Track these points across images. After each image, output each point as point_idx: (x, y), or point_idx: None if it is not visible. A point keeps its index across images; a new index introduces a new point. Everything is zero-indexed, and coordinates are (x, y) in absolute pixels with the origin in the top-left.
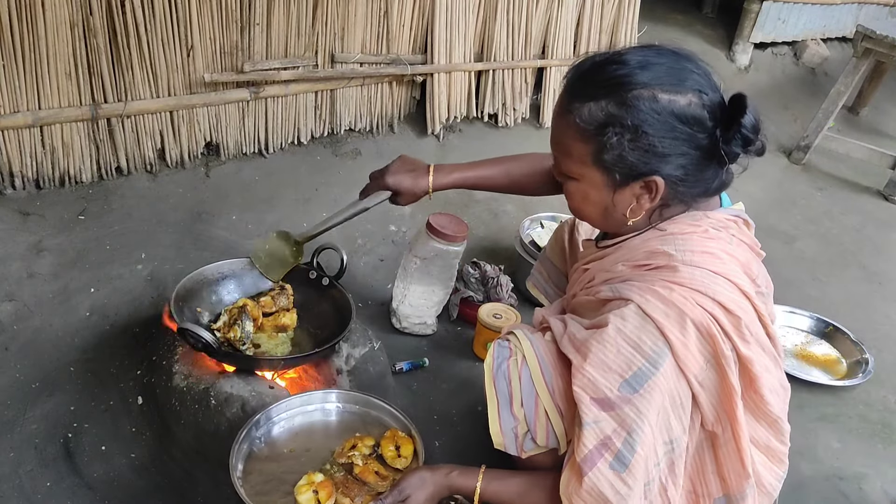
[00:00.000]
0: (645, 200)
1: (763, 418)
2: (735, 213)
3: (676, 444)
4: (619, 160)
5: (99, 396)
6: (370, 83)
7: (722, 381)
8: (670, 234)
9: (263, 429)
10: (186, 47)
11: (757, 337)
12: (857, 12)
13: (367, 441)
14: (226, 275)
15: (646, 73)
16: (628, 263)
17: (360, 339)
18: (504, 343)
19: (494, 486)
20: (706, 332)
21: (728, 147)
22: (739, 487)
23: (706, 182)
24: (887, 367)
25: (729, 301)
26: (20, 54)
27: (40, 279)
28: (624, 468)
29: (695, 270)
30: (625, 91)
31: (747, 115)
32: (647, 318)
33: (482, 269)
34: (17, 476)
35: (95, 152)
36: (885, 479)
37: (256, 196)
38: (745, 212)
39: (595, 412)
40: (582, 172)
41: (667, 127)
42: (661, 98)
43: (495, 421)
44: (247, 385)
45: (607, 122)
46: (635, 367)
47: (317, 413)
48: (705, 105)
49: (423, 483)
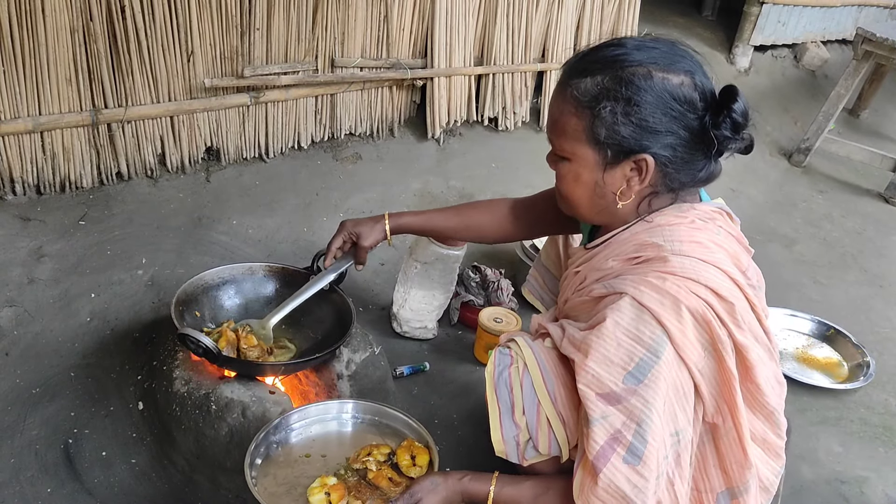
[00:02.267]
0: (635, 182)
1: (759, 410)
2: (718, 206)
3: (682, 435)
4: (611, 134)
5: (99, 402)
6: (370, 87)
7: (720, 368)
8: (658, 226)
9: (281, 434)
10: (187, 52)
11: (750, 326)
12: (856, 15)
13: (383, 449)
14: (226, 280)
15: (641, 53)
16: (619, 258)
17: (360, 343)
18: (505, 351)
19: (508, 490)
20: (702, 318)
21: (718, 131)
22: (742, 478)
23: (694, 169)
24: (888, 370)
25: (721, 288)
26: (21, 60)
27: (41, 284)
28: (638, 461)
29: (685, 259)
30: (620, 67)
31: (738, 102)
32: (643, 309)
33: (483, 273)
34: (18, 482)
35: (96, 157)
36: (887, 482)
37: (257, 201)
38: (744, 213)
39: (602, 407)
40: (574, 150)
41: (659, 102)
42: (655, 75)
43: (497, 429)
44: (247, 390)
45: (601, 94)
46: (637, 357)
47: (333, 423)
48: (697, 87)
49: (436, 488)
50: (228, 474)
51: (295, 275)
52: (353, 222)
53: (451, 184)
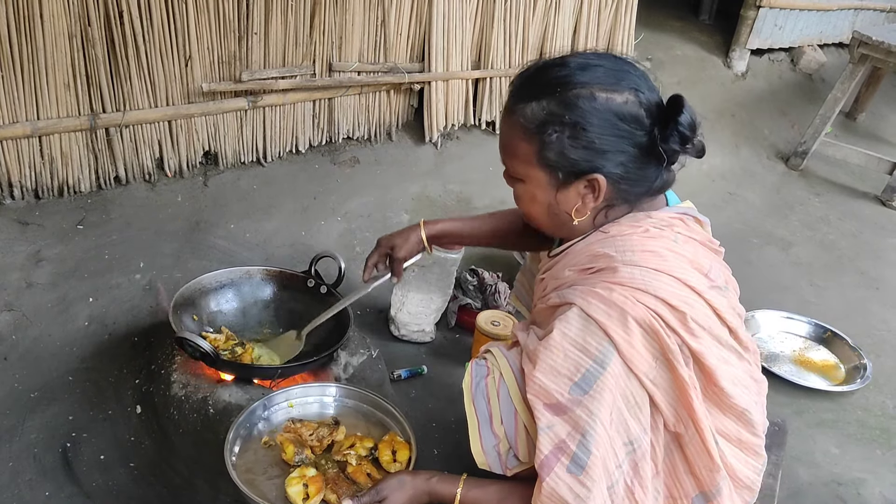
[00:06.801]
0: (589, 199)
1: (729, 411)
2: (682, 211)
3: (637, 444)
4: (560, 158)
5: (98, 405)
6: (368, 91)
7: (674, 377)
8: (611, 237)
9: (265, 413)
10: (184, 57)
11: (710, 330)
12: (853, 18)
13: (366, 442)
14: (224, 284)
15: (585, 74)
16: (574, 268)
17: (358, 346)
18: (481, 362)
19: (474, 493)
20: (649, 328)
21: (666, 145)
22: (713, 481)
23: (648, 181)
24: (885, 372)
25: (672, 296)
26: (19, 65)
27: (39, 289)
28: (581, 470)
29: (634, 269)
30: (564, 90)
31: (684, 114)
32: (589, 320)
33: (480, 276)
34: (17, 485)
35: (94, 162)
36: (884, 484)
37: (255, 205)
38: (741, 216)
39: (549, 417)
40: (527, 173)
41: (605, 124)
42: (598, 96)
43: (476, 440)
44: (245, 394)
45: (548, 120)
46: (583, 368)
47: (315, 405)
48: (642, 103)
49: (402, 486)
50: (227, 478)
51: (292, 278)
52: (388, 237)
53: (449, 187)
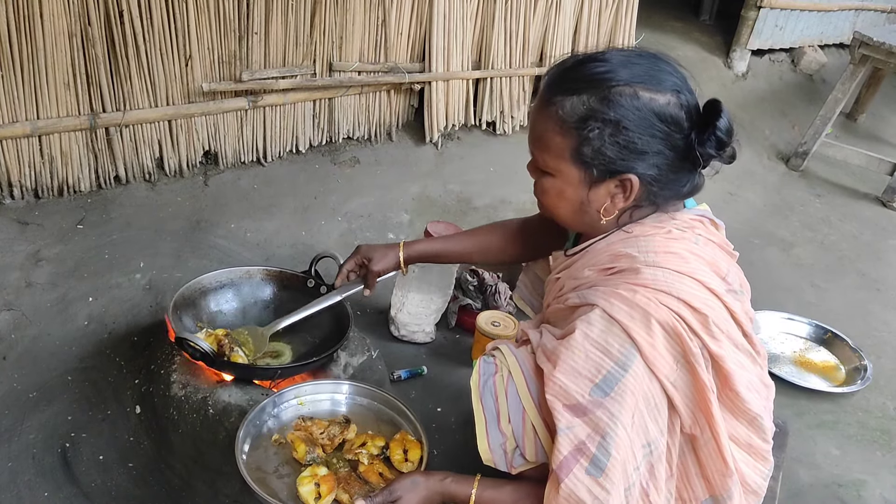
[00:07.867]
0: (619, 199)
1: (742, 416)
2: (700, 213)
3: (654, 446)
4: (597, 155)
5: (97, 406)
6: (368, 91)
7: (694, 380)
8: (633, 237)
9: (275, 410)
10: (185, 57)
11: (728, 334)
12: (854, 19)
13: (378, 441)
14: (224, 284)
15: (627, 71)
16: (594, 268)
17: (358, 347)
18: (489, 359)
19: (489, 493)
20: (672, 331)
21: (702, 148)
22: (724, 486)
23: (679, 185)
24: (886, 373)
25: (694, 299)
26: (19, 64)
27: (38, 288)
28: (600, 472)
29: (657, 271)
30: (607, 87)
31: (722, 119)
32: (612, 322)
33: (480, 276)
34: (15, 486)
35: (94, 162)
36: (884, 485)
37: (255, 205)
38: (741, 217)
39: (568, 418)
40: (558, 167)
41: (646, 124)
42: (642, 95)
43: (483, 438)
44: (244, 394)
45: (588, 115)
46: (605, 370)
47: (326, 402)
48: (682, 106)
49: (416, 487)
50: (226, 478)
51: (292, 279)
52: (368, 247)
53: (450, 188)
